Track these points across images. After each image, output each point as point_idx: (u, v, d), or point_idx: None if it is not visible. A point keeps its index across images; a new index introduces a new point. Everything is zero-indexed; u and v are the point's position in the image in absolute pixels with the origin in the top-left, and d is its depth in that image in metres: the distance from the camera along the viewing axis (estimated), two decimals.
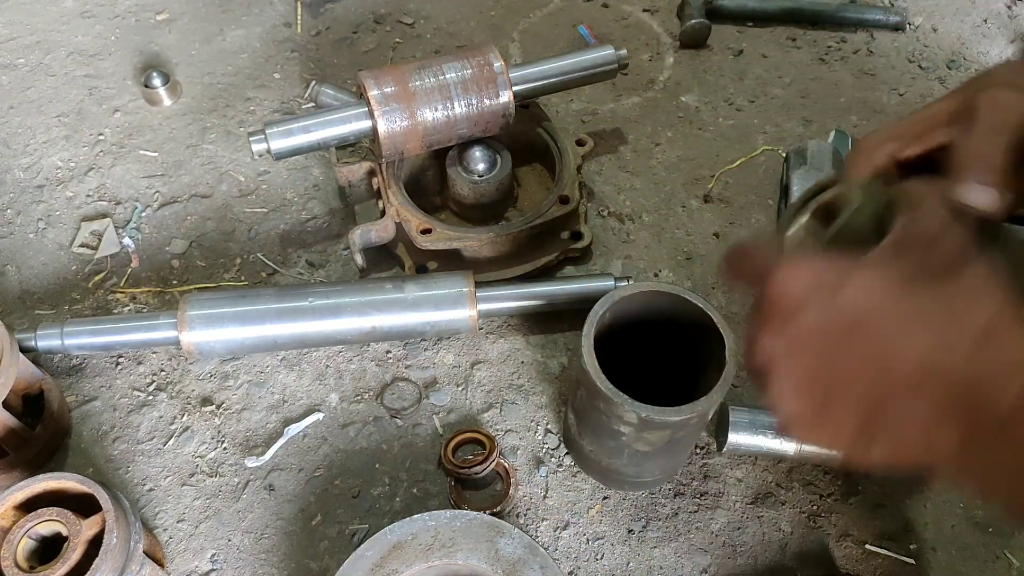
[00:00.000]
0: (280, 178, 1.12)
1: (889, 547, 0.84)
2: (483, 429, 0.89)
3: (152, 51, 1.27)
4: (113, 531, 0.68)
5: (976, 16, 1.38)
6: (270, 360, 0.95)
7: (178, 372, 0.94)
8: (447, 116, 0.94)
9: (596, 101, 1.23)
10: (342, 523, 0.85)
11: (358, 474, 0.88)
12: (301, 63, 1.27)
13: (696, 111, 1.22)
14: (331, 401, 0.93)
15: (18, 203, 1.09)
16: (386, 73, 0.94)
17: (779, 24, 1.35)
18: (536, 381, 0.94)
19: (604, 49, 1.04)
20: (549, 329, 0.98)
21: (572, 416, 0.84)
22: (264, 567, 0.82)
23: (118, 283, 1.01)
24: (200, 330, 0.87)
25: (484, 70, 0.95)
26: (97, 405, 0.92)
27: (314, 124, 0.92)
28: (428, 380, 0.94)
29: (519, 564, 0.77)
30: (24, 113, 1.19)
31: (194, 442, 0.89)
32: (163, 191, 1.10)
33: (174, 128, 1.18)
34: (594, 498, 0.86)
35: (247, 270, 1.03)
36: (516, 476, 0.87)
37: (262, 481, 0.87)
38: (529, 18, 1.36)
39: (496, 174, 1.00)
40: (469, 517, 0.79)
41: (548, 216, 0.97)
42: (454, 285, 0.90)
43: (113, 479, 0.86)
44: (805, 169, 1.06)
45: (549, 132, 1.05)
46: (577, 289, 0.94)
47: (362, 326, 0.89)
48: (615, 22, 1.36)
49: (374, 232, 0.97)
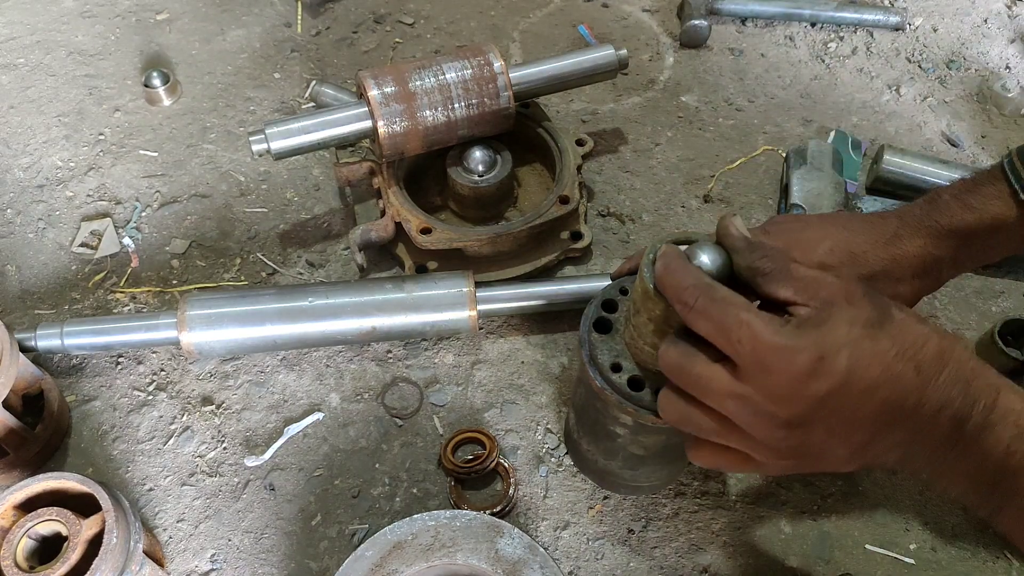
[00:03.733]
0: (280, 178, 1.12)
1: (889, 547, 0.84)
2: (483, 429, 0.89)
3: (152, 51, 1.27)
4: (113, 531, 0.68)
5: (976, 16, 1.38)
6: (270, 360, 0.95)
7: (178, 372, 0.94)
8: (447, 116, 0.94)
9: (596, 101, 1.23)
10: (342, 523, 0.85)
11: (358, 474, 0.88)
12: (301, 63, 1.27)
13: (696, 111, 1.22)
14: (331, 401, 0.93)
15: (18, 203, 1.09)
16: (386, 73, 0.94)
17: (779, 24, 1.35)
18: (536, 381, 0.94)
19: (604, 49, 1.04)
20: (549, 329, 0.98)
21: (572, 416, 0.84)
22: (264, 567, 0.82)
23: (118, 283, 1.01)
24: (200, 330, 0.87)
25: (484, 70, 0.95)
26: (97, 405, 0.92)
27: (314, 124, 0.92)
28: (428, 380, 0.94)
29: (519, 564, 0.77)
30: (24, 113, 1.19)
31: (194, 442, 0.89)
32: (163, 191, 1.10)
33: (174, 128, 1.18)
34: (594, 498, 0.86)
35: (247, 270, 1.03)
36: (516, 476, 0.87)
37: (262, 481, 0.87)
38: (529, 18, 1.36)
39: (496, 174, 1.00)
40: (469, 517, 0.79)
41: (548, 216, 0.97)
42: (454, 285, 0.90)
43: (113, 479, 0.86)
44: (805, 169, 1.06)
45: (549, 132, 1.05)
46: (577, 289, 0.94)
47: (362, 326, 0.89)
48: (615, 22, 1.36)
49: (374, 232, 0.97)
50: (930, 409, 0.50)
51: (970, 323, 1.01)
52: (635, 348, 0.67)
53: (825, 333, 0.50)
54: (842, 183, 1.05)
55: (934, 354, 0.50)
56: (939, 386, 0.50)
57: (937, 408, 0.50)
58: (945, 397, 0.50)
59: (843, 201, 1.03)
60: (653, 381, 0.67)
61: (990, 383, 0.51)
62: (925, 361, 0.50)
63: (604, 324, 0.70)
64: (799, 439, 0.52)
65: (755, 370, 0.51)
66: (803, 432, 0.52)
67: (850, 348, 0.49)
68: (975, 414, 0.50)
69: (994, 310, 1.02)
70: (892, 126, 1.22)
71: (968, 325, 1.00)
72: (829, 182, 1.04)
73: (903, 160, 1.08)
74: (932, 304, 1.02)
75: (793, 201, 1.04)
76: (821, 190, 1.03)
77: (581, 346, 0.70)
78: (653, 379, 0.67)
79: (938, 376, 0.50)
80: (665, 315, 0.61)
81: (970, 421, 0.50)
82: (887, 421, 0.51)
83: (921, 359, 0.50)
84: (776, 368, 0.50)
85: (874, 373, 0.49)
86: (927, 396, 0.50)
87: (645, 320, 0.63)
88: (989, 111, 1.25)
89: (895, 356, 0.50)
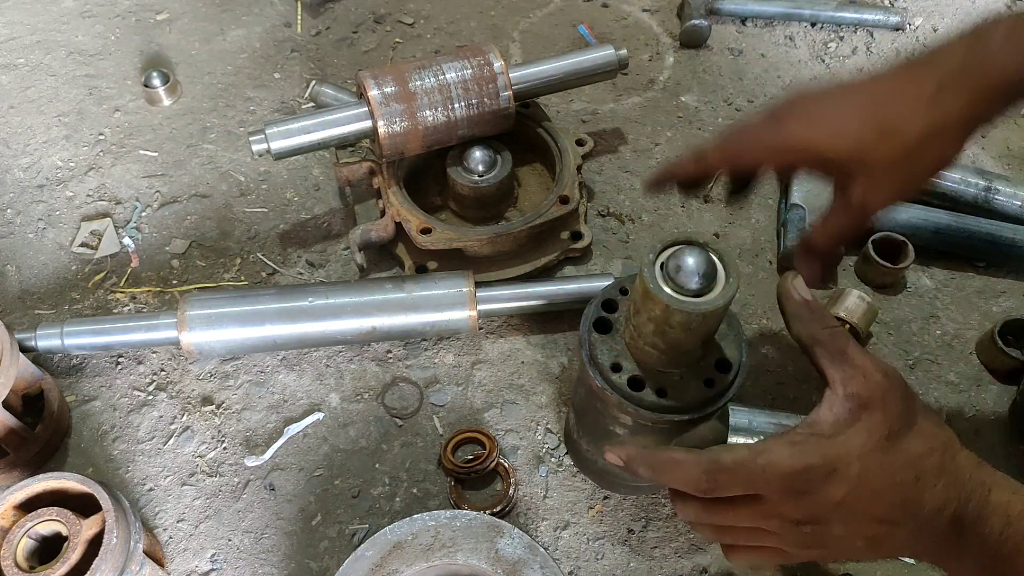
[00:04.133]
0: (280, 178, 1.12)
1: None
2: (483, 429, 0.89)
3: (152, 51, 1.27)
4: (113, 531, 0.68)
5: (976, 16, 1.36)
6: (270, 360, 0.95)
7: (178, 372, 0.94)
8: (447, 116, 0.94)
9: (596, 101, 1.23)
10: (342, 523, 0.85)
11: (358, 474, 0.88)
12: (301, 63, 1.27)
13: (696, 111, 1.22)
14: (331, 401, 0.93)
15: (18, 203, 1.09)
16: (386, 73, 0.94)
17: (779, 24, 1.35)
18: (536, 381, 0.94)
19: (604, 49, 1.04)
20: (549, 329, 0.98)
21: (572, 416, 0.84)
22: (264, 567, 0.82)
23: (118, 283, 1.01)
24: (200, 330, 0.87)
25: (484, 70, 0.95)
26: (97, 405, 0.92)
27: (314, 124, 0.92)
28: (428, 380, 0.94)
29: (519, 564, 0.77)
30: (24, 113, 1.19)
31: (194, 442, 0.89)
32: (163, 191, 1.10)
33: (174, 128, 1.18)
34: (594, 498, 0.86)
35: (247, 270, 1.03)
36: (516, 476, 0.87)
37: (262, 481, 0.87)
38: (529, 18, 1.36)
39: (496, 174, 1.00)
40: (469, 517, 0.79)
41: (548, 216, 0.97)
42: (454, 285, 0.90)
43: (113, 479, 0.86)
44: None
45: (549, 132, 1.05)
46: (577, 289, 0.94)
47: (362, 326, 0.89)
48: (615, 22, 1.36)
49: (374, 232, 0.97)
50: (930, 511, 0.56)
51: (971, 323, 1.01)
52: (635, 348, 0.67)
53: (839, 445, 0.56)
54: None
55: (936, 465, 0.57)
56: (936, 492, 0.56)
57: (936, 510, 0.56)
58: (943, 500, 0.56)
59: None
60: (653, 381, 0.67)
61: (982, 481, 0.57)
62: (926, 471, 0.57)
63: (604, 324, 0.70)
64: (821, 533, 0.58)
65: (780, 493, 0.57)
66: (824, 528, 0.58)
67: (862, 460, 0.56)
68: (970, 511, 0.56)
69: (995, 310, 1.02)
70: None
71: (969, 325, 1.00)
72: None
73: None
74: (933, 304, 1.02)
75: (793, 201, 1.04)
76: (821, 190, 1.03)
77: (581, 346, 0.70)
78: (653, 379, 0.67)
79: (936, 484, 0.56)
80: (665, 315, 0.61)
81: (966, 518, 0.56)
82: (893, 520, 0.57)
83: (922, 469, 0.57)
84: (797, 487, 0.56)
85: (880, 482, 0.56)
86: (925, 500, 0.56)
87: (645, 320, 0.63)
88: None
89: (900, 466, 0.57)
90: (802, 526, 0.58)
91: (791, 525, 0.58)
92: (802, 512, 0.57)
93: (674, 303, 0.60)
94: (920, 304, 1.02)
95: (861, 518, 0.57)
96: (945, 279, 1.05)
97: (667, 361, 0.66)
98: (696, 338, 0.64)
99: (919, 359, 0.98)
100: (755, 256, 1.06)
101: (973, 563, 0.57)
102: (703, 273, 0.60)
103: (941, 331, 1.00)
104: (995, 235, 1.02)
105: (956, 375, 0.97)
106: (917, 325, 1.00)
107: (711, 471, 0.58)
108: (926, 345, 0.99)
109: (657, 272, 0.61)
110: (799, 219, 1.02)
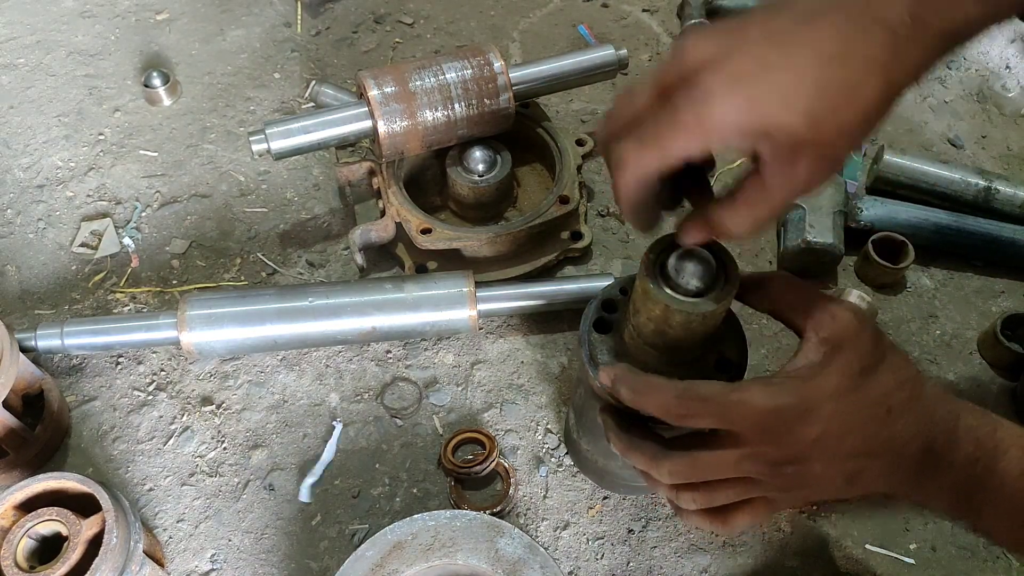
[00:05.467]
0: (280, 178, 1.12)
1: (889, 547, 0.84)
2: (483, 429, 0.89)
3: (152, 51, 1.27)
4: (113, 531, 0.68)
5: None
6: (270, 360, 0.95)
7: (178, 372, 0.94)
8: (447, 116, 0.94)
9: (596, 101, 1.23)
10: (342, 523, 0.85)
11: (358, 474, 0.88)
12: (301, 63, 1.27)
13: None
14: (331, 401, 0.93)
15: (18, 203, 1.09)
16: (386, 73, 0.94)
17: None
18: (536, 381, 0.94)
19: (604, 49, 1.04)
20: (549, 329, 0.98)
21: (572, 416, 0.84)
22: (264, 567, 0.82)
23: (118, 283, 1.01)
24: (200, 330, 0.87)
25: (484, 70, 0.95)
26: (97, 405, 0.92)
27: (314, 124, 0.92)
28: (428, 380, 0.94)
29: (519, 564, 0.77)
30: (24, 113, 1.19)
31: (194, 442, 0.89)
32: (163, 191, 1.10)
33: (174, 128, 1.18)
34: (594, 498, 0.86)
35: (247, 270, 1.03)
36: (516, 476, 0.87)
37: (262, 481, 0.87)
38: (529, 18, 1.36)
39: (496, 174, 1.00)
40: (469, 517, 0.79)
41: (548, 216, 0.97)
42: (454, 285, 0.90)
43: (113, 479, 0.86)
44: None
45: (549, 132, 1.05)
46: (577, 289, 0.94)
47: (362, 326, 0.89)
48: (615, 22, 1.36)
49: (374, 232, 0.97)
50: (902, 442, 0.59)
51: (970, 322, 1.01)
52: (635, 348, 0.67)
53: (813, 387, 0.58)
54: (842, 183, 1.05)
55: (906, 397, 0.59)
56: (908, 423, 0.58)
57: (908, 440, 0.59)
58: (914, 430, 0.59)
59: (843, 201, 1.03)
60: None
61: (950, 410, 0.60)
62: (897, 404, 0.59)
63: (604, 324, 0.70)
64: (802, 473, 0.60)
65: (757, 432, 0.58)
66: (804, 467, 0.59)
67: (835, 399, 0.57)
68: (940, 438, 0.59)
69: (994, 309, 1.02)
70: (892, 126, 1.22)
71: (968, 324, 1.01)
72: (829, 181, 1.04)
73: (903, 160, 1.08)
74: (933, 304, 1.02)
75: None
76: (820, 190, 1.03)
77: (581, 346, 0.70)
78: None
79: (907, 415, 0.59)
80: (665, 315, 0.61)
81: (938, 445, 0.59)
82: (868, 453, 0.59)
83: (894, 403, 0.58)
84: (774, 426, 0.58)
85: (854, 417, 0.58)
86: (898, 431, 0.59)
87: (645, 320, 0.63)
88: (989, 111, 1.25)
89: (872, 401, 0.58)
90: (784, 466, 0.59)
91: (773, 467, 0.59)
92: (782, 452, 0.59)
93: (674, 303, 0.60)
94: (920, 304, 1.02)
95: (838, 454, 0.59)
96: (944, 279, 1.05)
97: (667, 361, 0.66)
98: (696, 338, 0.64)
99: (919, 359, 0.98)
100: (755, 256, 1.06)
101: (948, 490, 0.60)
102: (703, 274, 0.60)
103: (940, 331, 1.00)
104: (994, 235, 1.02)
105: (955, 375, 0.97)
106: (917, 325, 1.01)
107: (684, 397, 0.60)
108: (925, 345, 0.99)
109: (657, 272, 0.61)
110: (799, 219, 1.02)
